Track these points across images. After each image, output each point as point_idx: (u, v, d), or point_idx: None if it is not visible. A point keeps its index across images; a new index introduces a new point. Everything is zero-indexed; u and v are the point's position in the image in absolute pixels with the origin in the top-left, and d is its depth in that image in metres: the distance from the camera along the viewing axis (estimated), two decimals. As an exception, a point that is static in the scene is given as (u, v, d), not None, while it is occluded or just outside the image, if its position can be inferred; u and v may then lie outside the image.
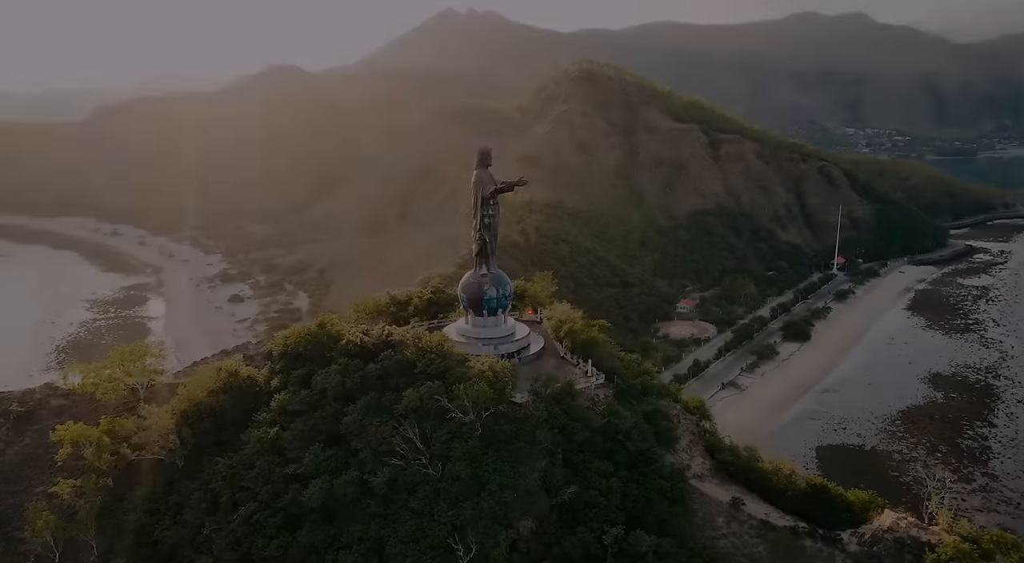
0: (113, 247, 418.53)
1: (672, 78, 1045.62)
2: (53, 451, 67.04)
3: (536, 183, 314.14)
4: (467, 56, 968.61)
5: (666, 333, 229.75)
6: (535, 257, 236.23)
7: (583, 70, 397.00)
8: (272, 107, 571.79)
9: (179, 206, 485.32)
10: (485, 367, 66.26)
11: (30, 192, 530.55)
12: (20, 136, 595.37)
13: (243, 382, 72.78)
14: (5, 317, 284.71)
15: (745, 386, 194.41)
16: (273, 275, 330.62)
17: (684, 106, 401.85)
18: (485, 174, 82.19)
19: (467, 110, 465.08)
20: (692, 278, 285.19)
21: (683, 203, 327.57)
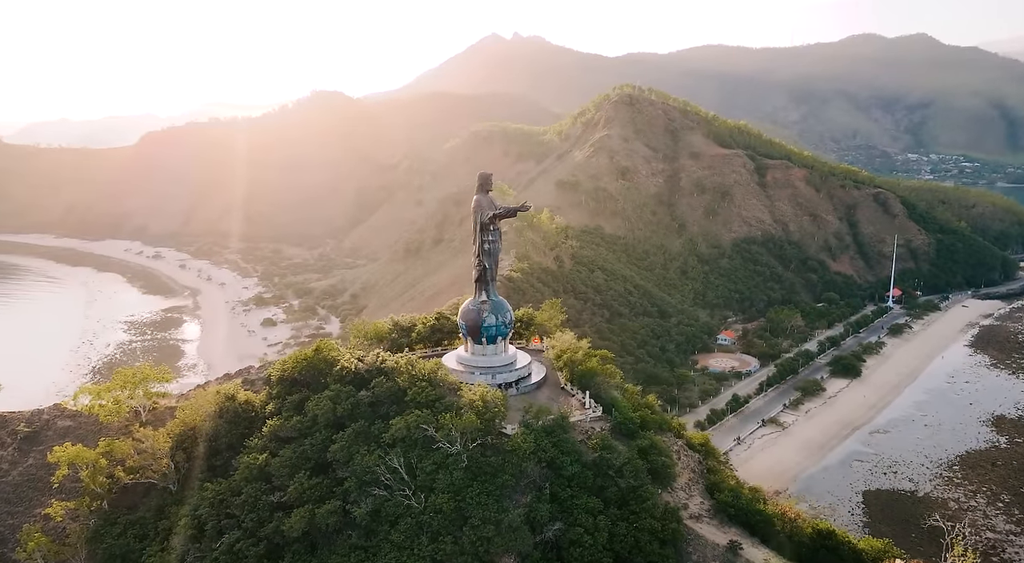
0: (154, 270, 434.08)
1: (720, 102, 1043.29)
2: (54, 472, 68.60)
3: (573, 209, 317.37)
4: (511, 80, 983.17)
5: (705, 365, 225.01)
6: (568, 284, 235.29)
7: (624, 95, 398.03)
8: (314, 132, 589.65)
9: (220, 229, 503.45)
10: (476, 397, 65.49)
11: (80, 214, 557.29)
12: (75, 161, 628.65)
13: (239, 407, 73.61)
14: (47, 337, 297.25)
15: (787, 424, 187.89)
16: (307, 299, 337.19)
17: (729, 131, 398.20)
18: (485, 199, 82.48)
19: (507, 134, 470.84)
20: (735, 309, 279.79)
21: (727, 231, 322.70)
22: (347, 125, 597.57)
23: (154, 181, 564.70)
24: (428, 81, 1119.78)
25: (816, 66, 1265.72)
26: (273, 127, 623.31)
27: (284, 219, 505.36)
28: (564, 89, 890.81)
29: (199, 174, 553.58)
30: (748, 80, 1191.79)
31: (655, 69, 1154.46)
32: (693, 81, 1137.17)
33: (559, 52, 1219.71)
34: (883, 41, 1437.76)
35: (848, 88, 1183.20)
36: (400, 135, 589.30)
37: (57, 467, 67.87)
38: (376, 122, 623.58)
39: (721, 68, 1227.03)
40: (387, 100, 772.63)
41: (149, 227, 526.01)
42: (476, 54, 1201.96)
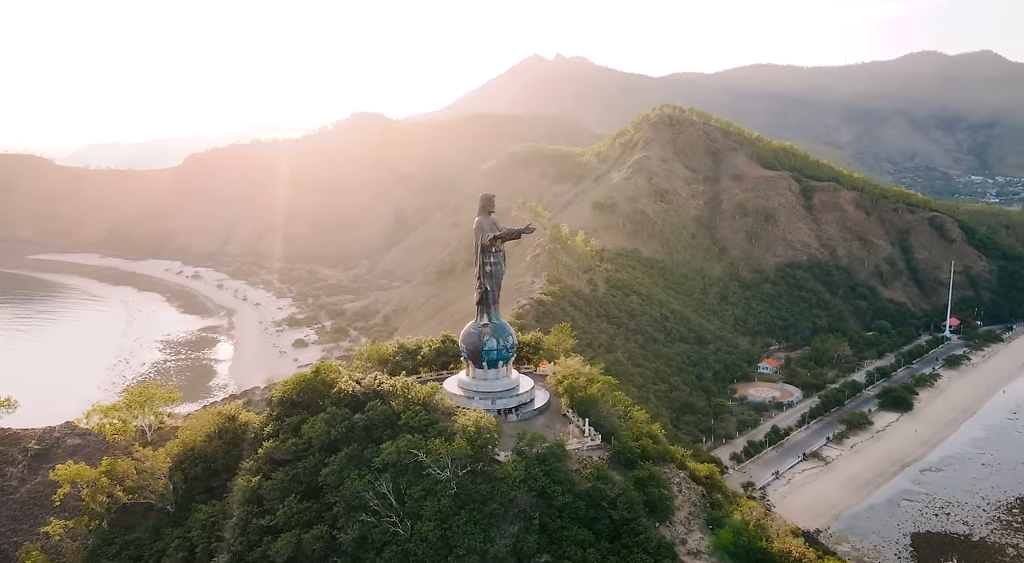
0: (193, 289, 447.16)
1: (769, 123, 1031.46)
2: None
3: (610, 231, 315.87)
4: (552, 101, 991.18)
5: (744, 395, 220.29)
6: (601, 308, 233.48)
7: (664, 115, 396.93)
8: (353, 153, 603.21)
9: (258, 250, 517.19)
10: (469, 422, 64.93)
11: (124, 234, 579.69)
12: (121, 182, 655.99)
13: (238, 428, 74.57)
14: (87, 355, 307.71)
15: (831, 458, 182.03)
16: (339, 321, 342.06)
17: (774, 152, 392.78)
18: (487, 221, 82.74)
19: (544, 155, 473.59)
20: (778, 336, 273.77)
21: (770, 255, 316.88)
22: (385, 146, 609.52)
23: (196, 202, 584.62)
24: (469, 102, 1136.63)
25: (871, 85, 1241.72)
26: (313, 149, 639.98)
27: (321, 240, 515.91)
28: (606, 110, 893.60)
29: (240, 195, 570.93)
30: (798, 100, 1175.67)
31: (700, 89, 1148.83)
32: (740, 101, 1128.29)
33: (601, 72, 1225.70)
34: (944, 58, 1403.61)
35: (906, 107, 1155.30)
36: (439, 156, 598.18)
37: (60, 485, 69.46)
38: (415, 143, 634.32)
39: (770, 88, 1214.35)
40: (427, 121, 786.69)
41: (190, 247, 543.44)
42: (518, 75, 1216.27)
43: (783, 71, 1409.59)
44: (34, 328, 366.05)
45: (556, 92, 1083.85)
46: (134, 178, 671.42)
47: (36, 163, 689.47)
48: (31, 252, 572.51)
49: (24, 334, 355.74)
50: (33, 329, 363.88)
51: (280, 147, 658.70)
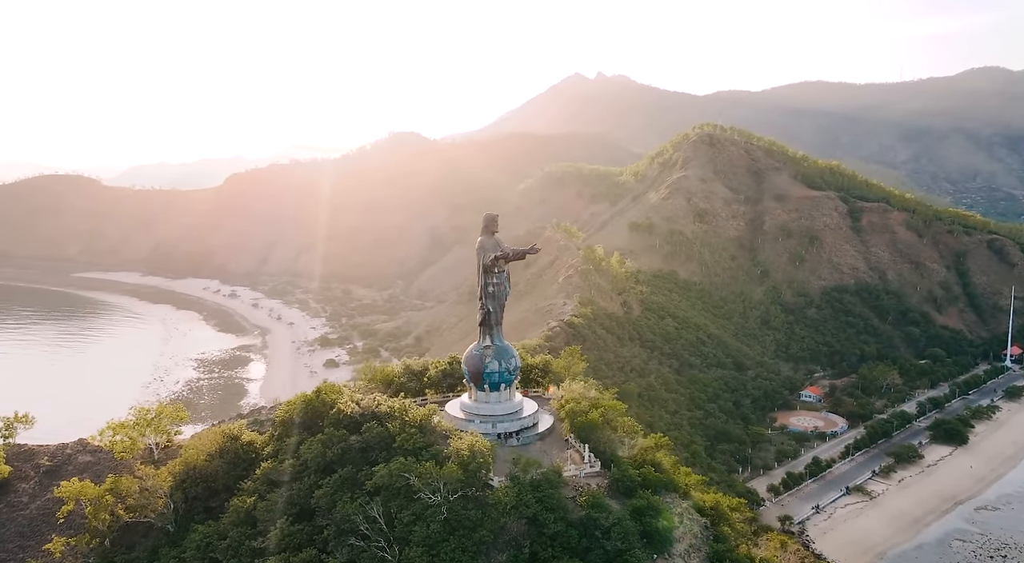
0: (229, 308, 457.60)
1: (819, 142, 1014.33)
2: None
3: (647, 252, 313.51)
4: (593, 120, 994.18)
5: (784, 424, 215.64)
6: (635, 331, 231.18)
7: (703, 134, 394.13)
8: (390, 173, 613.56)
9: (294, 269, 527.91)
10: (463, 446, 64.44)
11: (166, 253, 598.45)
12: (164, 202, 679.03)
13: (240, 447, 75.37)
14: (123, 373, 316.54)
15: (876, 493, 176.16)
16: (371, 341, 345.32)
17: (820, 172, 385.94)
18: (489, 241, 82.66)
19: (581, 175, 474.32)
20: (822, 363, 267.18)
21: (815, 278, 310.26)
22: (422, 166, 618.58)
23: (236, 221, 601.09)
24: (509, 121, 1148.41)
25: (929, 102, 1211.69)
26: (351, 168, 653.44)
27: (357, 260, 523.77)
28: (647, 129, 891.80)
29: (278, 215, 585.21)
30: (850, 118, 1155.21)
31: (746, 107, 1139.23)
32: (788, 119, 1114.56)
33: (644, 91, 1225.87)
34: (1008, 74, 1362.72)
35: (967, 125, 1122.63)
36: (476, 175, 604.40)
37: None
38: (453, 163, 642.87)
39: (820, 105, 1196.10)
40: (465, 141, 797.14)
41: (228, 266, 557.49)
42: (558, 94, 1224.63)
43: (834, 88, 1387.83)
44: (77, 344, 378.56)
45: (597, 111, 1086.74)
46: (177, 198, 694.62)
47: (84, 183, 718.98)
48: (77, 270, 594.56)
49: (67, 350, 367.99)
50: (76, 345, 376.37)
51: (319, 167, 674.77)
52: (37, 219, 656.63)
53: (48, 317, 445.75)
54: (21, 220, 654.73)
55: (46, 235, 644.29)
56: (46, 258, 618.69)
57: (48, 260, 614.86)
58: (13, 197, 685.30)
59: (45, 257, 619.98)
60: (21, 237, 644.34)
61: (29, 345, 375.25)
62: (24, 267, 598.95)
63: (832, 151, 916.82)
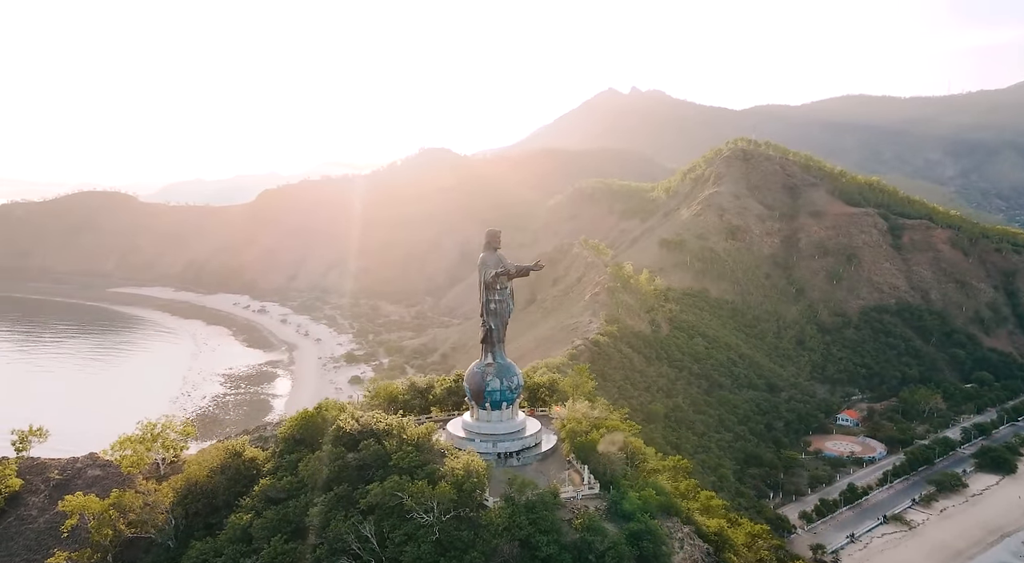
0: (258, 324, 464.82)
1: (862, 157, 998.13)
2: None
3: (677, 270, 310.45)
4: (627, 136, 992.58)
5: (819, 448, 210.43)
6: (663, 351, 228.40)
7: (737, 149, 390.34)
8: (421, 189, 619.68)
9: (323, 285, 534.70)
10: (459, 465, 63.93)
11: (198, 268, 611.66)
12: (197, 218, 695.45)
13: (242, 463, 75.80)
14: (153, 387, 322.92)
15: (916, 523, 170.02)
16: (397, 358, 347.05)
17: (859, 188, 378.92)
18: (491, 257, 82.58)
19: (612, 191, 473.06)
20: (861, 386, 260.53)
21: (853, 298, 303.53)
22: (453, 182, 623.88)
23: (267, 237, 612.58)
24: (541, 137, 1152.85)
25: (979, 116, 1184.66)
26: (381, 184, 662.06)
27: (386, 275, 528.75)
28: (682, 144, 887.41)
29: (309, 230, 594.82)
30: (895, 132, 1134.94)
31: (785, 122, 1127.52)
32: (829, 134, 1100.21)
33: (679, 105, 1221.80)
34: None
35: (1020, 140, 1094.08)
36: (507, 191, 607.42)
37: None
38: (484, 179, 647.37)
39: (863, 120, 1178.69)
40: (496, 157, 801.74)
41: (258, 282, 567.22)
42: (591, 109, 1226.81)
43: (878, 102, 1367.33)
44: (109, 358, 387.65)
45: (630, 126, 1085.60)
46: (210, 214, 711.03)
47: (121, 199, 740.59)
48: (112, 285, 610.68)
49: (100, 363, 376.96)
50: (108, 359, 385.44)
51: (349, 183, 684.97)
52: (76, 235, 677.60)
53: (83, 331, 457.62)
54: (61, 236, 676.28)
55: (84, 250, 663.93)
56: (84, 273, 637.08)
57: (85, 275, 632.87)
58: (54, 213, 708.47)
59: (83, 272, 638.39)
60: (61, 252, 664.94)
61: (64, 359, 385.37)
62: (62, 282, 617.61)
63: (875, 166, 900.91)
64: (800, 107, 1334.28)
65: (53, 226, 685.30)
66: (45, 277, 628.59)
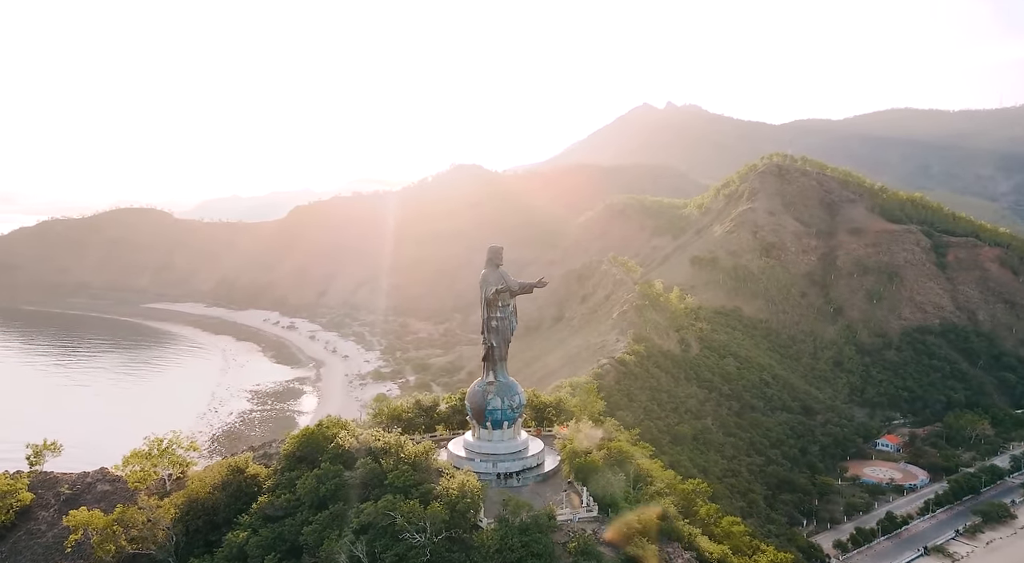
0: (286, 340, 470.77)
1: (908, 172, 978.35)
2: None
3: (709, 288, 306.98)
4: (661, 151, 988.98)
5: (856, 475, 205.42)
6: (692, 370, 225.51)
7: (772, 164, 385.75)
8: (452, 205, 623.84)
9: (352, 301, 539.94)
10: (453, 485, 63.38)
11: (230, 284, 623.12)
12: (230, 234, 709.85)
13: (244, 480, 76.13)
14: (181, 402, 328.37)
15: (959, 555, 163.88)
16: (423, 376, 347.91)
17: (900, 204, 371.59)
18: (493, 274, 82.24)
19: (644, 207, 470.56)
20: (902, 410, 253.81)
21: (894, 318, 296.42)
22: (484, 198, 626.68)
23: (297, 253, 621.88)
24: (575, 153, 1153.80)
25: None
26: (412, 200, 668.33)
27: (415, 292, 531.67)
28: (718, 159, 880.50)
29: (339, 247, 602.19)
30: (942, 147, 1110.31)
31: (826, 136, 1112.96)
32: (873, 148, 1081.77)
33: (715, 120, 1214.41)
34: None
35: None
36: (539, 207, 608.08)
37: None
38: (515, 195, 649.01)
39: (909, 133, 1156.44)
40: (528, 173, 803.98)
41: (288, 298, 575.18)
42: (626, 125, 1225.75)
43: (924, 116, 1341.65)
44: (141, 373, 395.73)
45: (665, 142, 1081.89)
46: (242, 230, 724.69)
47: (156, 216, 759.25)
48: (146, 301, 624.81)
49: (132, 378, 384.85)
50: (140, 374, 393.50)
51: (380, 199, 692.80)
52: (113, 250, 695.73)
53: (117, 346, 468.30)
54: (98, 252, 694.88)
55: (120, 266, 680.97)
56: (119, 288, 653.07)
57: (121, 290, 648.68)
58: (92, 229, 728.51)
59: (118, 287, 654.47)
60: (98, 268, 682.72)
61: (98, 373, 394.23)
62: (98, 297, 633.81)
63: (922, 181, 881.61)
64: (842, 121, 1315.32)
65: (91, 242, 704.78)
66: (82, 292, 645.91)
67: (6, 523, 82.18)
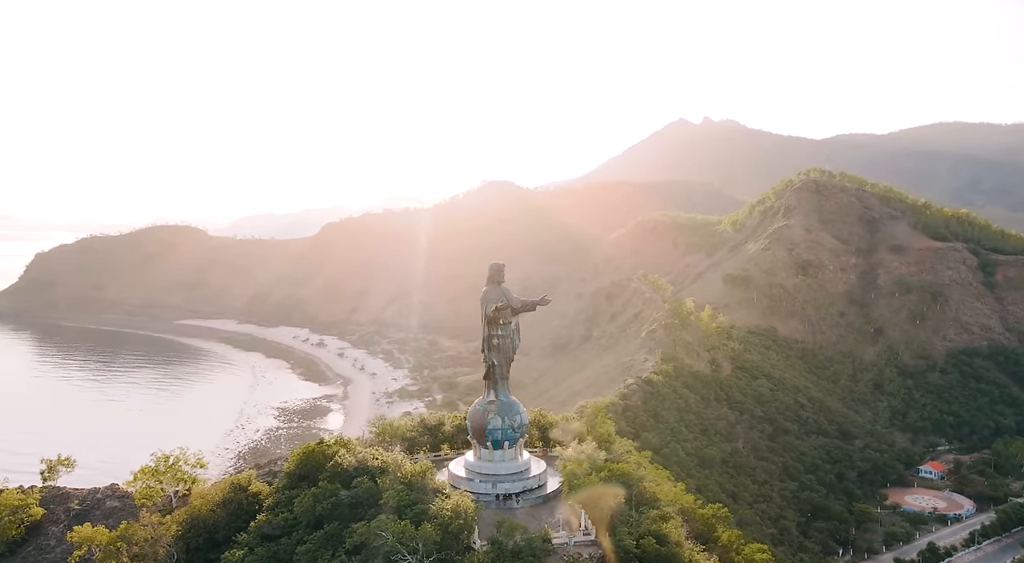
0: (315, 357, 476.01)
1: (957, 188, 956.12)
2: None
3: (743, 307, 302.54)
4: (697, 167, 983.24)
5: (897, 503, 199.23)
6: (723, 391, 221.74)
7: (809, 180, 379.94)
8: (483, 222, 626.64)
9: (382, 319, 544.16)
10: (447, 506, 62.87)
11: (261, 301, 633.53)
12: (262, 251, 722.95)
13: (245, 498, 76.50)
14: (209, 419, 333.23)
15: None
16: (451, 394, 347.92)
17: (945, 221, 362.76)
18: (494, 291, 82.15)
19: (677, 224, 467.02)
20: (947, 435, 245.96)
21: (939, 339, 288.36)
22: (515, 215, 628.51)
23: (328, 270, 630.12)
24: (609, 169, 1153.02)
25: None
26: (443, 217, 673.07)
27: (445, 310, 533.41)
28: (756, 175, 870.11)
29: (369, 264, 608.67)
30: (995, 162, 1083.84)
31: (870, 150, 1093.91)
32: (920, 163, 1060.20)
33: (753, 135, 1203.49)
34: None
35: None
36: (571, 224, 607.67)
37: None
38: (547, 212, 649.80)
39: (959, 148, 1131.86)
40: (561, 189, 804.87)
41: (318, 315, 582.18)
42: (661, 140, 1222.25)
43: (974, 129, 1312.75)
44: (172, 389, 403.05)
45: (701, 157, 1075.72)
46: (274, 247, 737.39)
47: (191, 233, 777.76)
48: (180, 317, 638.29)
49: (164, 394, 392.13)
50: (171, 390, 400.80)
51: (411, 216, 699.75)
52: (148, 267, 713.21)
53: (150, 362, 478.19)
54: (134, 269, 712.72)
55: (155, 283, 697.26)
56: (154, 305, 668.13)
57: (155, 307, 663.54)
58: (130, 246, 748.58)
59: (153, 304, 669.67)
60: (134, 284, 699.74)
61: (131, 388, 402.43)
62: (133, 314, 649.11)
63: (973, 197, 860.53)
64: (887, 136, 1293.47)
65: (127, 259, 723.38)
66: (118, 309, 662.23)
67: (16, 538, 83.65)
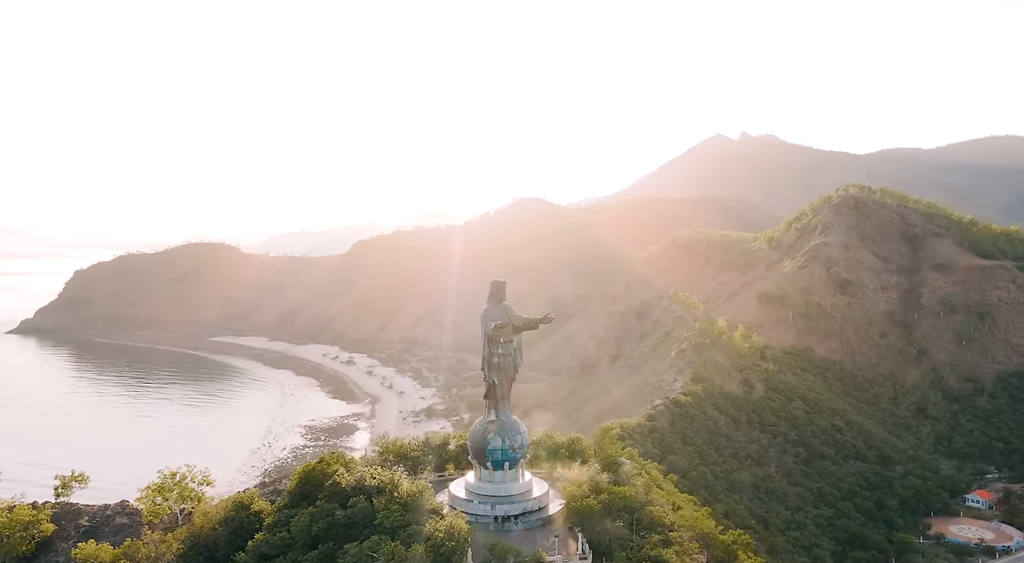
0: (344, 375, 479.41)
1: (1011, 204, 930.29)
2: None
3: (778, 326, 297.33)
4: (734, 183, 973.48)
5: (941, 533, 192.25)
6: (755, 414, 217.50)
7: (848, 196, 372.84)
8: (514, 240, 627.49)
9: (412, 337, 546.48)
10: (440, 527, 61.84)
11: (291, 318, 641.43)
12: (293, 268, 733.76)
13: (247, 517, 76.50)
14: (237, 436, 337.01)
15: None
16: (477, 413, 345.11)
17: (993, 238, 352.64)
18: (495, 309, 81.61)
19: (710, 242, 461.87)
20: (996, 462, 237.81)
21: (987, 361, 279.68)
22: (547, 232, 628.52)
23: (358, 288, 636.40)
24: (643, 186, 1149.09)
25: None
26: (474, 235, 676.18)
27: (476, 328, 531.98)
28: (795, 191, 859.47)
29: (399, 281, 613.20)
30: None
31: (916, 166, 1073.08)
32: (970, 179, 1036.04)
33: (793, 150, 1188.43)
34: None
35: None
36: (603, 242, 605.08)
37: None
38: (579, 229, 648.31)
39: (1012, 163, 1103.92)
40: (594, 206, 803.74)
41: (348, 333, 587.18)
42: (697, 156, 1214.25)
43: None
44: (203, 406, 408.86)
45: (738, 174, 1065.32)
46: (306, 264, 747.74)
47: (225, 250, 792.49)
48: (212, 334, 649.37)
49: (196, 411, 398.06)
50: (202, 407, 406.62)
51: (442, 233, 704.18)
52: (182, 285, 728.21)
53: (183, 379, 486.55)
54: (168, 286, 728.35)
55: (189, 300, 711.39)
56: (188, 322, 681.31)
57: (189, 324, 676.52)
58: (165, 264, 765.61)
59: (187, 321, 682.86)
60: (168, 302, 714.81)
61: (163, 405, 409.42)
62: (167, 331, 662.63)
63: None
64: (934, 150, 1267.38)
65: (162, 276, 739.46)
66: (152, 325, 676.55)
67: (27, 554, 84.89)
